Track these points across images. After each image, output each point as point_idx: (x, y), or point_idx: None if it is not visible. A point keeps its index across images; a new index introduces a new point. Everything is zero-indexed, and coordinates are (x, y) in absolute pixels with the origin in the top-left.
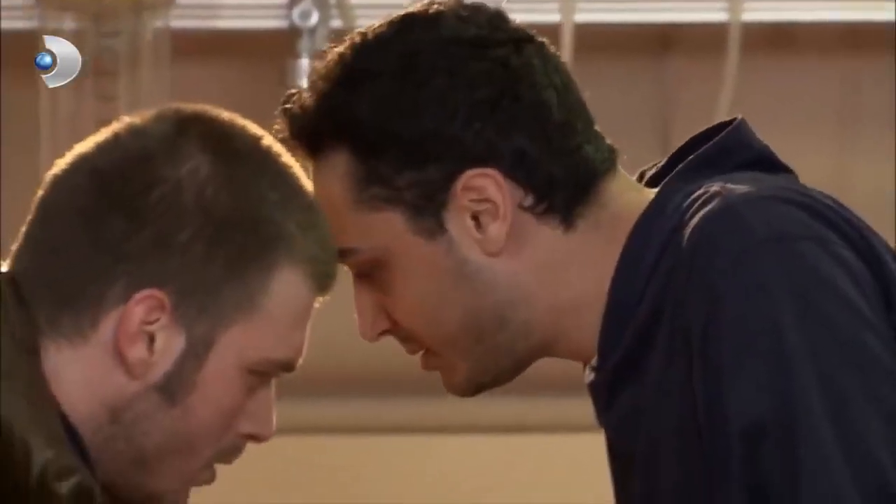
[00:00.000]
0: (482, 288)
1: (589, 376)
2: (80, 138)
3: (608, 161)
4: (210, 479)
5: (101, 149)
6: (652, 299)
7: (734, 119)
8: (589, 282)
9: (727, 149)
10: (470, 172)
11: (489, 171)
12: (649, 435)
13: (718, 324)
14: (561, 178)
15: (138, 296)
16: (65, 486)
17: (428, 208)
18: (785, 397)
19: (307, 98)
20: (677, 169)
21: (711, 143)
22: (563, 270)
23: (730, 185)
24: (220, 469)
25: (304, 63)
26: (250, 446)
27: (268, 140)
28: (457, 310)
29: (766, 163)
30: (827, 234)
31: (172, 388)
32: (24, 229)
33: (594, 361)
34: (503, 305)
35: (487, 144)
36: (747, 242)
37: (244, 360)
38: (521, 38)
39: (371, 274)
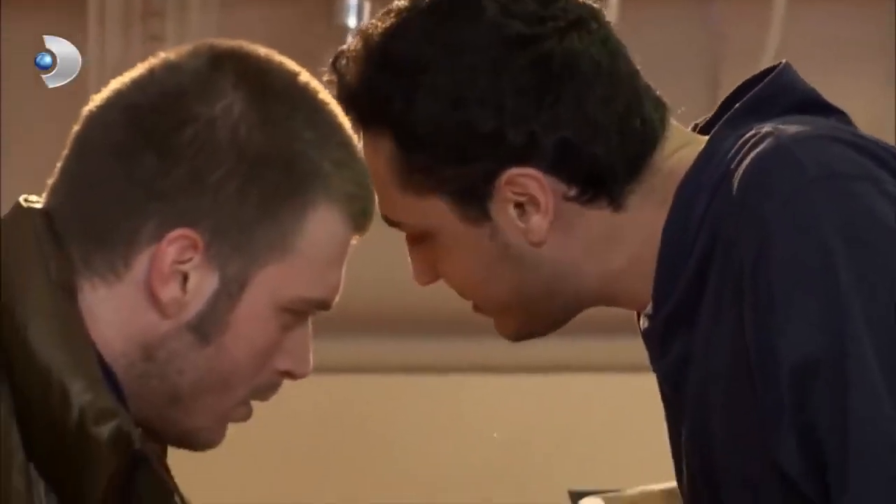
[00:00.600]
0: (528, 269)
1: (643, 324)
2: (128, 64)
3: (658, 128)
4: (246, 415)
5: (136, 84)
6: (703, 245)
7: (779, 64)
8: (642, 244)
9: (774, 93)
10: (511, 171)
11: (530, 171)
12: (699, 380)
13: (769, 262)
14: (607, 163)
15: (171, 235)
16: (104, 430)
17: (472, 199)
18: (836, 337)
19: (352, 71)
20: (725, 117)
21: (757, 88)
22: (614, 242)
23: (781, 126)
24: (258, 408)
25: (353, 1)
26: (287, 386)
27: (304, 77)
28: (503, 285)
29: (815, 105)
30: (879, 174)
31: (206, 327)
32: (59, 165)
33: (648, 309)
34: (551, 281)
35: (530, 142)
36: (799, 181)
37: (278, 300)
38: (567, 25)
39: (421, 240)
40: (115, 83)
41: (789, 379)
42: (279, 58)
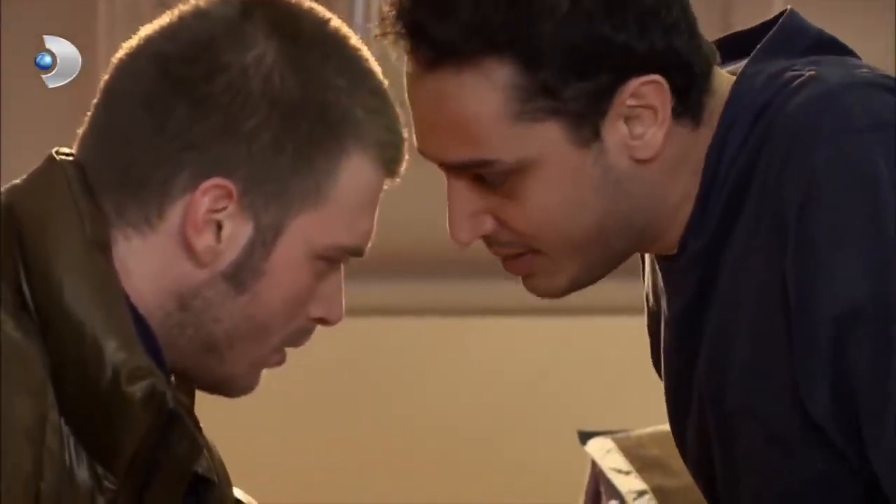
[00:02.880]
0: (619, 194)
1: (663, 263)
2: (138, 27)
3: (714, 50)
4: (280, 361)
5: (165, 32)
6: (737, 179)
7: (784, 10)
8: (698, 169)
9: (793, 32)
10: (638, 80)
11: (657, 77)
12: (720, 315)
13: (816, 208)
14: (698, 72)
15: (205, 185)
16: (137, 389)
17: (589, 117)
18: (882, 285)
19: (450, 6)
20: (752, 55)
21: (774, 29)
22: (689, 165)
23: (823, 70)
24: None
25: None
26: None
27: (335, 23)
28: (591, 216)
29: (831, 45)
30: None
31: (240, 275)
32: (88, 114)
33: (674, 249)
34: (633, 210)
35: (652, 50)
36: (849, 130)
37: (313, 248)
38: None
39: (495, 180)
40: (145, 30)
41: (830, 326)
42: (309, 4)
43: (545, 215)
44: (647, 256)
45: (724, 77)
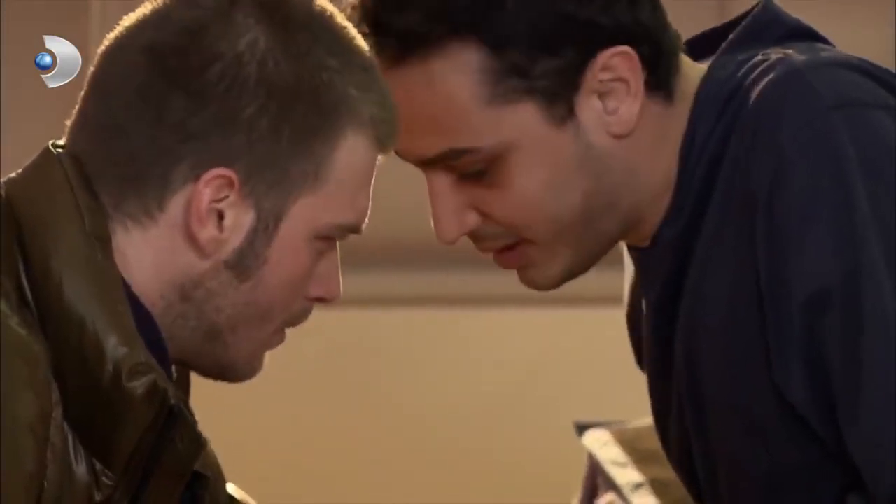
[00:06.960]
0: (600, 172)
1: (635, 254)
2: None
3: (679, 35)
4: (280, 341)
5: (154, 22)
6: (705, 169)
7: (756, 4)
8: (674, 152)
9: (765, 23)
10: (607, 53)
11: (625, 48)
12: (691, 304)
13: (785, 189)
14: (666, 48)
15: (207, 176)
16: (138, 387)
17: (562, 94)
18: (852, 268)
19: None
20: (722, 46)
21: (748, 19)
22: (668, 144)
23: (790, 52)
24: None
25: None
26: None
27: (321, 2)
28: (574, 196)
29: (805, 34)
30: (891, 101)
31: (244, 263)
32: (77, 106)
33: (646, 241)
34: (616, 189)
35: (618, 24)
36: (816, 109)
37: (313, 229)
38: None
39: (475, 171)
40: (129, 20)
41: (802, 308)
42: None
43: (529, 200)
44: (626, 255)
45: (696, 67)
